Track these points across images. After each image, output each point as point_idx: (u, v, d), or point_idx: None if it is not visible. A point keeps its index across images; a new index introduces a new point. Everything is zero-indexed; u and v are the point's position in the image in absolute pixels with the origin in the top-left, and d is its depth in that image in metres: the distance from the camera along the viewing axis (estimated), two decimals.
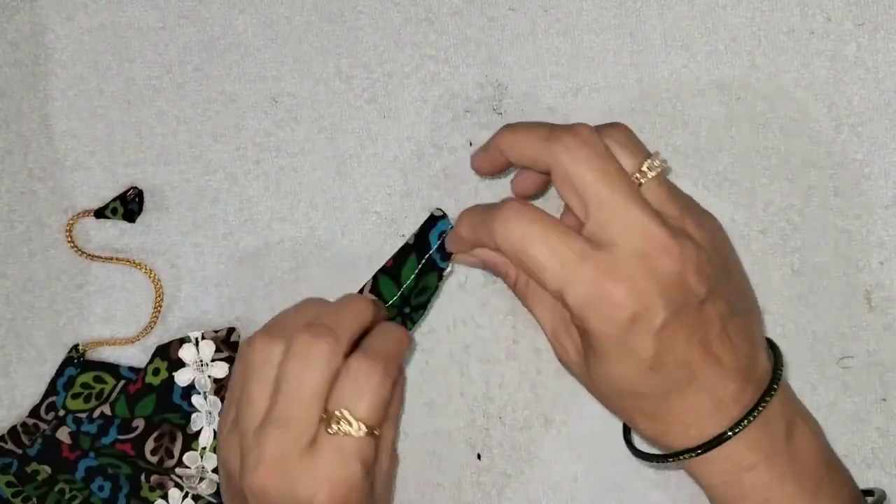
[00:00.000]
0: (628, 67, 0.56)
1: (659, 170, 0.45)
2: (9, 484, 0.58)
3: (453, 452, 0.58)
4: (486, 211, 0.46)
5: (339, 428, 0.44)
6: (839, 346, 0.54)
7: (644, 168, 0.45)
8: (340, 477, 0.44)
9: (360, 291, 0.55)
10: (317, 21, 0.58)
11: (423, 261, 0.54)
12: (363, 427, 0.44)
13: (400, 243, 0.57)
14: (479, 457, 0.58)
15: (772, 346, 0.49)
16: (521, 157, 0.47)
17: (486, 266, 0.51)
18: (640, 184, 0.45)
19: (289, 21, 0.58)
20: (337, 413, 0.44)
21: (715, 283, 0.44)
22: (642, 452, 0.51)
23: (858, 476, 0.54)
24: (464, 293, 0.57)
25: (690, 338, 0.44)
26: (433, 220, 0.55)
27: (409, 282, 0.54)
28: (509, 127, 0.48)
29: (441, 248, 0.54)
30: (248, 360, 0.47)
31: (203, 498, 0.58)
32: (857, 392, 0.54)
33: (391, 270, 0.55)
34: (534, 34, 0.56)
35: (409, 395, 0.58)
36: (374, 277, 0.55)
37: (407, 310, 0.55)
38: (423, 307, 0.55)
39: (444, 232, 0.54)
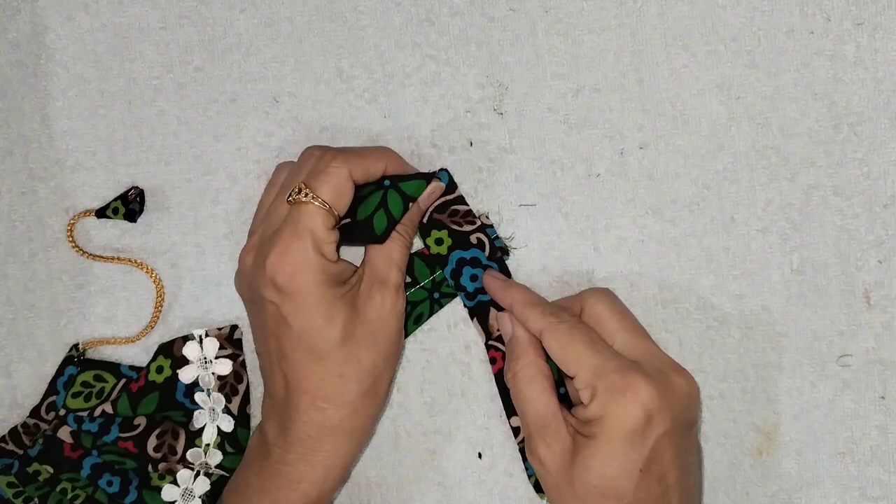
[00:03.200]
0: (629, 67, 0.56)
1: None
2: (10, 485, 0.58)
3: (454, 451, 0.58)
4: (537, 306, 0.52)
5: (294, 197, 0.51)
6: (838, 344, 0.55)
7: None
8: (289, 246, 0.51)
9: None
10: (318, 21, 0.58)
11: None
12: (310, 193, 0.51)
13: None
14: (480, 456, 0.58)
15: None
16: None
17: (510, 339, 0.53)
18: None
19: (290, 21, 0.58)
20: (297, 187, 0.52)
21: (696, 423, 0.52)
22: None
23: (858, 474, 0.54)
24: None
25: (675, 457, 0.48)
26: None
27: (442, 271, 0.56)
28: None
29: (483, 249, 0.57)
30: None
31: (216, 473, 0.58)
32: (856, 390, 0.54)
33: (428, 258, 0.57)
34: (534, 34, 0.56)
35: (410, 395, 0.58)
36: (411, 258, 0.56)
37: (436, 295, 0.57)
38: (452, 296, 0.57)
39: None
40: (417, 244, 0.57)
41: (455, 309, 0.58)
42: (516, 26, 0.57)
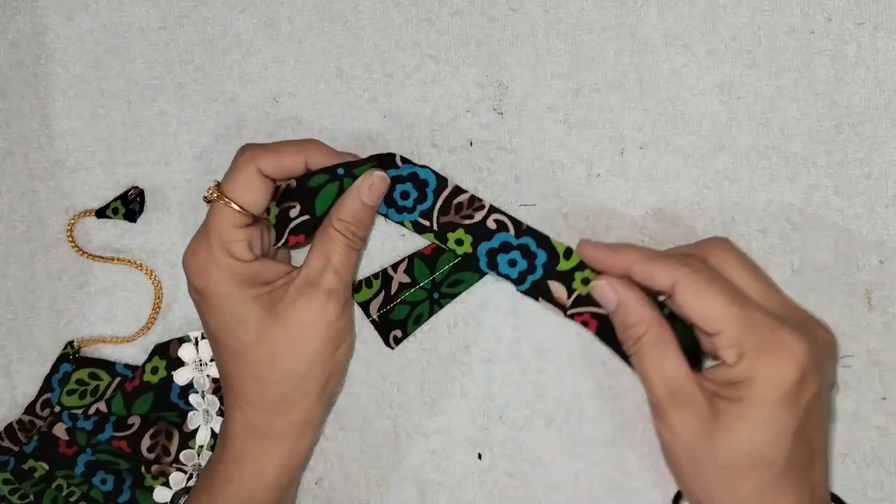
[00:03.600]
0: (629, 67, 0.56)
1: None
2: (6, 482, 0.58)
3: (454, 452, 0.58)
4: (660, 258, 0.48)
5: (205, 195, 0.52)
6: (839, 344, 0.54)
7: None
8: (197, 245, 0.52)
9: (395, 268, 0.56)
10: (318, 21, 0.58)
11: (459, 258, 0.55)
12: (215, 192, 0.51)
13: (399, 243, 0.57)
14: (479, 456, 0.58)
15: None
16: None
17: (618, 308, 0.49)
18: None
19: (290, 21, 0.58)
20: (209, 186, 0.52)
21: (835, 381, 0.48)
22: None
23: (858, 474, 0.54)
24: (465, 293, 0.57)
25: (822, 420, 0.45)
26: None
27: (442, 271, 0.56)
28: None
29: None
30: None
31: None
32: (856, 391, 0.54)
33: (428, 258, 0.56)
34: (534, 34, 0.56)
35: (410, 395, 0.58)
36: (411, 258, 0.56)
37: (436, 295, 0.56)
38: (452, 296, 0.57)
39: None
40: (419, 244, 0.57)
41: (455, 309, 0.58)
42: (516, 26, 0.56)
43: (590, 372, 0.57)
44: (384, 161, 0.53)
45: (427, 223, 0.54)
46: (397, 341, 0.57)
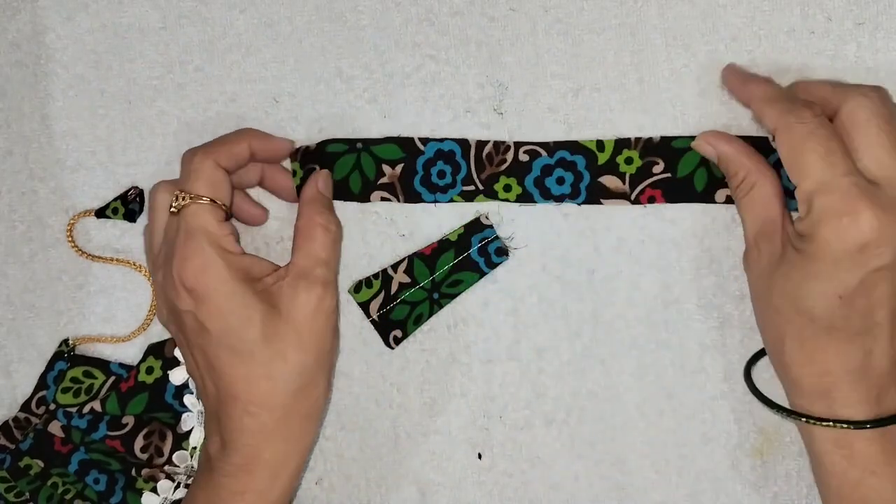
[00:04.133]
0: (629, 67, 0.56)
1: None
2: (2, 479, 0.58)
3: (454, 452, 0.58)
4: (777, 101, 0.50)
5: (175, 205, 0.52)
6: None
7: None
8: (187, 249, 0.51)
9: (395, 268, 0.57)
10: (317, 21, 0.58)
11: (460, 259, 0.56)
12: (186, 195, 0.52)
13: (399, 243, 0.57)
14: (479, 456, 0.58)
15: None
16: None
17: (719, 161, 0.52)
18: None
19: (290, 21, 0.58)
20: (174, 196, 0.52)
21: None
22: (763, 395, 0.52)
23: None
24: (465, 293, 0.57)
25: (890, 296, 0.46)
26: (479, 226, 0.56)
27: (441, 271, 0.56)
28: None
29: (484, 251, 0.56)
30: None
31: None
32: None
33: (428, 259, 0.56)
34: (534, 34, 0.56)
35: (410, 395, 0.58)
36: (411, 258, 0.57)
37: (436, 295, 0.57)
38: (452, 296, 0.57)
39: (485, 239, 0.56)
40: (419, 244, 0.57)
41: (455, 309, 0.58)
42: (516, 26, 0.56)
43: (590, 372, 0.57)
44: (404, 144, 0.56)
45: (472, 188, 0.56)
46: (397, 341, 0.57)
